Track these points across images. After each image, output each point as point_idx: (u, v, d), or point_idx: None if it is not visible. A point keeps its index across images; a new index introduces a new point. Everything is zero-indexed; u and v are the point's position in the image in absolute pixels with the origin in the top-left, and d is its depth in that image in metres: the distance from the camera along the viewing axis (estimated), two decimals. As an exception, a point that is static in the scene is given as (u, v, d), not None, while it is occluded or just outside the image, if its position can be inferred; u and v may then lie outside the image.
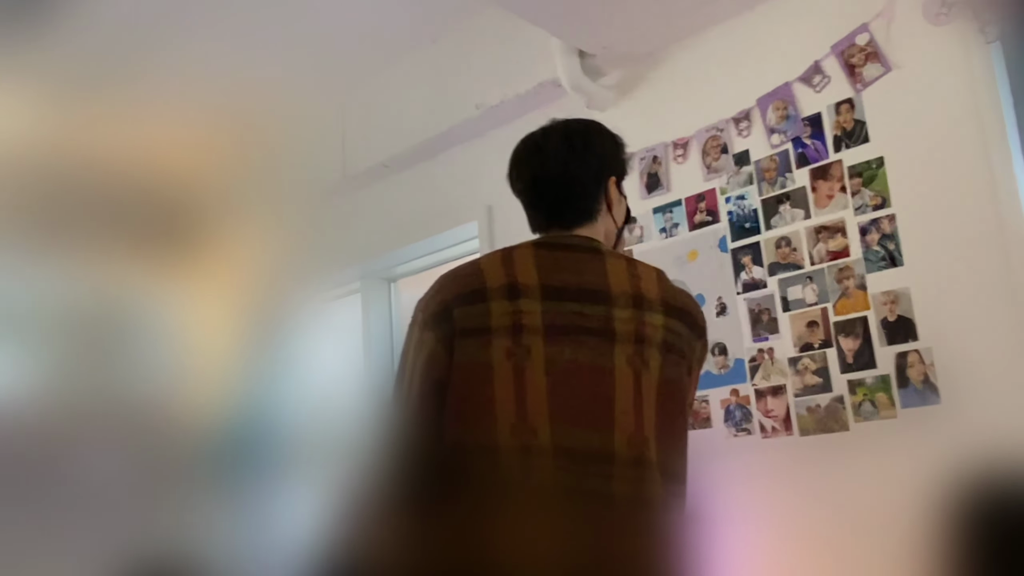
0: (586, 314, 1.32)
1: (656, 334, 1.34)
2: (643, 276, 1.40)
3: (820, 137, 2.49)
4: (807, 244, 2.48)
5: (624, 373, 1.30)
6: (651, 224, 2.88)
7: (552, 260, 1.37)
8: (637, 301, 1.35)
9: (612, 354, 1.31)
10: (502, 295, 1.32)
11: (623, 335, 1.32)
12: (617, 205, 1.52)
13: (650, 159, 2.90)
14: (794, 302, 2.49)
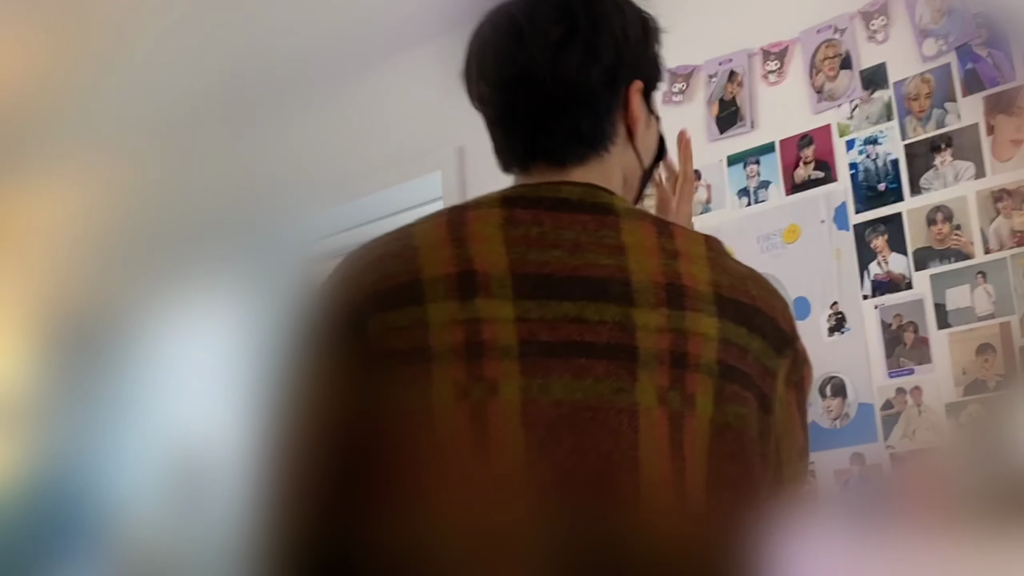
0: (589, 321, 1.27)
1: (707, 350, 1.28)
2: (684, 251, 1.33)
3: (1002, 46, 2.47)
4: (979, 220, 2.47)
5: (654, 419, 1.24)
6: (724, 182, 2.88)
7: (532, 228, 1.32)
8: (674, 296, 1.29)
9: (634, 388, 1.25)
10: (448, 292, 1.27)
11: (651, 355, 1.26)
12: (644, 130, 1.46)
13: (724, 77, 2.89)
14: (957, 313, 2.48)
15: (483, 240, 1.30)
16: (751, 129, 2.86)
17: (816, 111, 2.75)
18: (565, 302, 1.27)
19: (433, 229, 1.34)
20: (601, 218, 1.34)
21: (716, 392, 1.27)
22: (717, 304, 1.30)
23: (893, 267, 2.58)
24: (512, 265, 1.28)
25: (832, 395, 2.62)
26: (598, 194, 1.36)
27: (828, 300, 2.67)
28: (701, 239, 1.36)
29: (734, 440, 1.28)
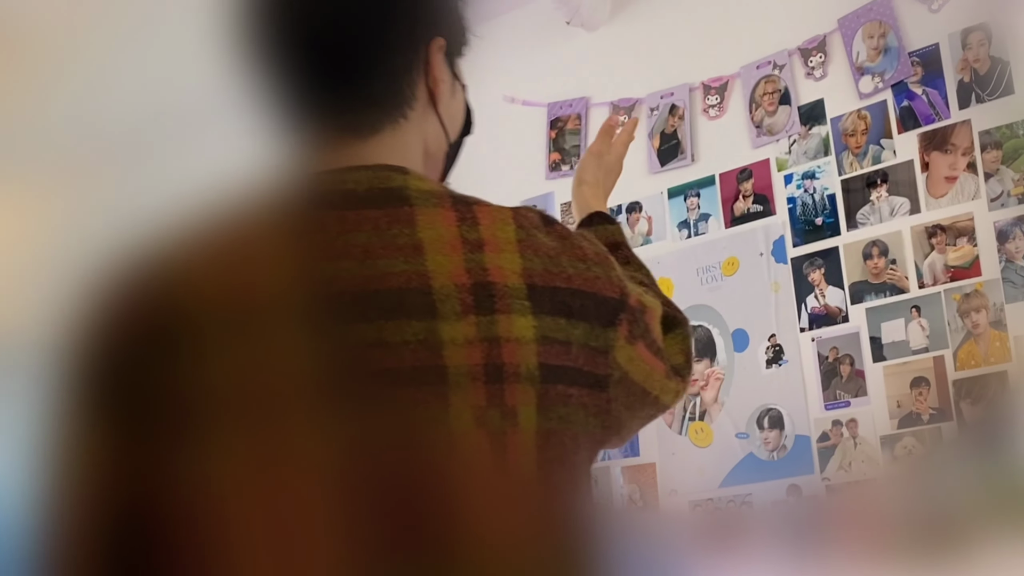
0: (389, 343, 1.11)
1: (524, 355, 1.14)
2: (490, 238, 1.18)
3: (937, 84, 2.48)
4: (914, 254, 2.47)
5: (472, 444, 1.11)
6: (664, 214, 2.87)
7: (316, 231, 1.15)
8: (482, 297, 1.14)
9: (446, 414, 1.11)
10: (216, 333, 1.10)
11: (462, 372, 1.12)
12: (448, 97, 1.28)
13: (666, 110, 2.89)
14: (891, 347, 2.48)
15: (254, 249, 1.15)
16: (691, 162, 2.85)
17: (755, 145, 2.75)
18: (359, 323, 1.12)
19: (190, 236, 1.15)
20: (394, 211, 1.16)
21: (539, 399, 1.14)
22: (531, 298, 1.16)
23: (830, 300, 2.58)
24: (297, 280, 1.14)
25: (770, 427, 2.62)
26: (390, 178, 1.19)
27: (766, 332, 2.66)
28: (509, 216, 1.19)
29: (558, 444, 1.15)
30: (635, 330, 1.22)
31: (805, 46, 2.69)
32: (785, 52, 2.72)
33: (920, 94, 2.51)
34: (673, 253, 2.84)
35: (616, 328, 1.19)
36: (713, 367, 2.73)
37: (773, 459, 2.61)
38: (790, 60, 2.71)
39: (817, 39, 2.67)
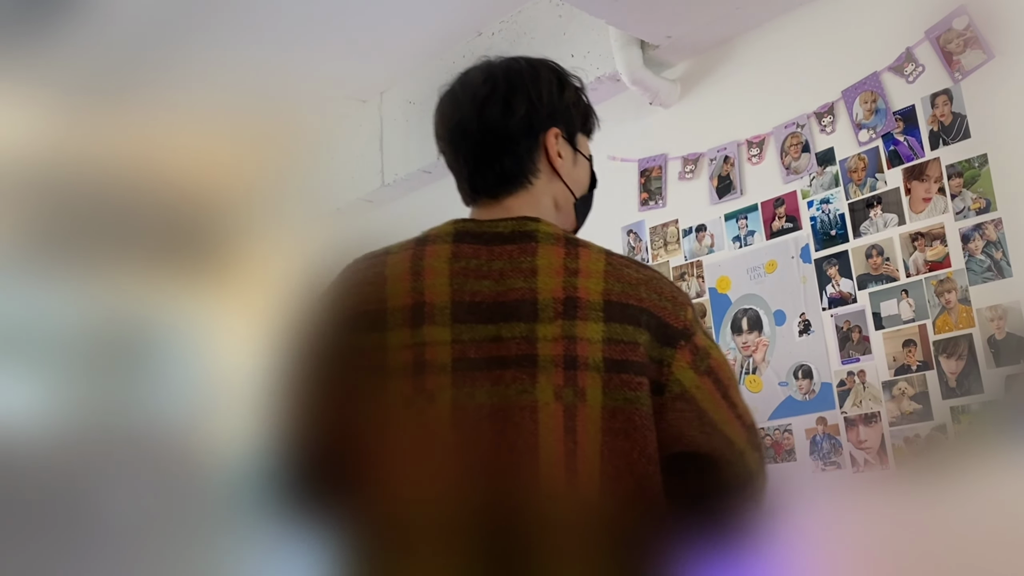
0: (504, 338, 1.14)
1: (593, 351, 1.14)
2: (584, 269, 1.18)
3: (914, 133, 2.46)
4: (902, 253, 2.45)
5: (551, 411, 1.12)
6: (723, 232, 2.87)
7: (471, 261, 1.19)
8: (569, 308, 1.15)
9: (535, 389, 1.12)
10: (403, 321, 1.15)
11: (548, 360, 1.13)
12: (569, 167, 1.31)
13: (721, 160, 2.89)
14: (888, 319, 2.46)
15: (434, 274, 1.18)
16: (740, 195, 2.85)
17: (786, 182, 2.74)
18: (489, 325, 1.15)
19: (400, 261, 1.21)
20: (524, 246, 1.19)
21: (604, 383, 1.14)
22: (605, 310, 1.16)
23: (843, 288, 2.56)
24: (453, 295, 1.16)
25: (803, 377, 2.61)
26: (526, 224, 1.21)
27: (798, 311, 2.65)
28: (603, 256, 1.21)
29: (625, 419, 1.14)
30: (699, 364, 1.20)
31: (819, 110, 2.68)
32: (805, 115, 2.71)
33: (902, 140, 2.48)
34: (729, 259, 2.84)
35: (675, 349, 1.18)
36: (761, 336, 2.72)
37: (806, 400, 2.60)
38: (808, 121, 2.70)
39: (827, 105, 2.66)
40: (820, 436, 2.54)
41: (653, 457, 1.15)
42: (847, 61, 2.62)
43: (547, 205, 1.28)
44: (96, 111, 0.60)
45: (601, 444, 1.12)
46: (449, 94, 1.32)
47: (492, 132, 1.25)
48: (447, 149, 1.30)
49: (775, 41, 2.81)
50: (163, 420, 0.63)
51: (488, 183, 1.26)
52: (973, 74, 2.36)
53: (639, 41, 2.91)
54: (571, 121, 1.32)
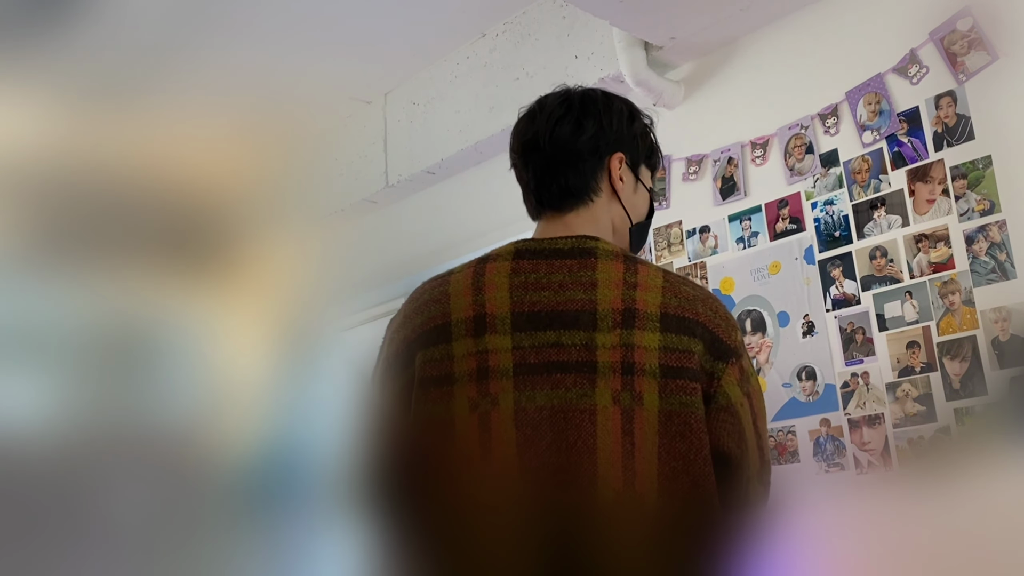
0: (564, 345, 1.21)
1: (649, 358, 1.20)
2: (642, 283, 1.25)
3: (918, 134, 2.46)
4: (905, 254, 2.44)
5: (609, 414, 1.18)
6: (726, 234, 2.87)
7: (531, 275, 1.26)
8: (627, 318, 1.21)
9: (594, 393, 1.19)
10: (467, 332, 1.23)
11: (606, 366, 1.20)
12: (629, 192, 1.38)
13: (724, 161, 2.89)
14: (892, 320, 2.45)
15: (494, 288, 1.25)
16: (744, 196, 2.85)
17: (789, 183, 2.74)
18: (548, 332, 1.22)
19: (463, 277, 1.29)
20: (583, 261, 1.27)
21: (660, 388, 1.20)
22: (662, 321, 1.22)
23: (847, 289, 2.56)
24: (513, 306, 1.24)
25: (806, 379, 2.61)
26: (586, 241, 1.29)
27: (802, 313, 2.65)
28: (660, 273, 1.28)
29: (681, 422, 1.20)
30: (744, 385, 1.27)
31: (823, 112, 2.68)
32: (809, 117, 2.71)
33: (906, 142, 2.48)
34: (733, 260, 2.84)
35: (726, 364, 1.25)
36: (765, 338, 2.72)
37: (809, 401, 2.60)
38: (812, 122, 2.70)
39: (831, 106, 2.66)
40: (823, 438, 2.54)
41: (708, 458, 1.21)
42: (851, 62, 2.62)
43: (605, 225, 1.36)
44: (101, 112, 0.60)
45: (658, 445, 1.18)
46: (527, 114, 1.40)
47: (561, 148, 1.34)
48: (518, 162, 1.40)
49: (779, 42, 2.81)
50: (167, 421, 0.63)
51: (552, 195, 1.35)
52: (977, 76, 2.36)
53: (643, 42, 2.91)
54: (636, 151, 1.40)
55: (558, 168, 1.35)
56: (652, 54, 2.93)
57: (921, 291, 2.40)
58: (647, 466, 1.17)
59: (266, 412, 0.95)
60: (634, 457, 1.17)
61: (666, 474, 1.18)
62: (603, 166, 1.36)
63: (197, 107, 0.64)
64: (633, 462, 1.17)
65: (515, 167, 1.41)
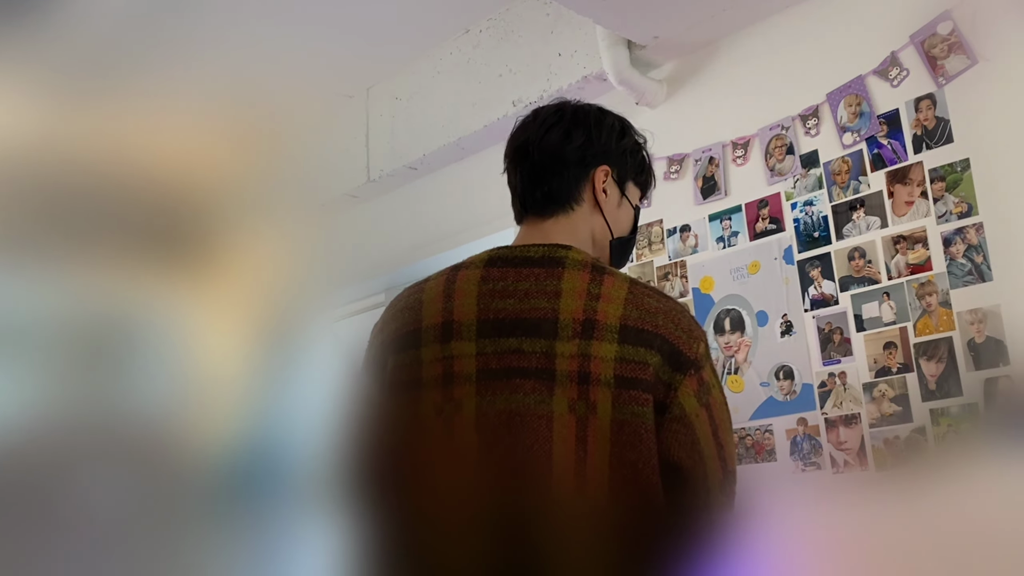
0: (525, 352, 1.24)
1: (605, 369, 1.22)
2: (605, 295, 1.27)
3: (898, 137, 2.47)
4: (884, 256, 2.46)
5: (564, 422, 1.20)
6: (707, 233, 2.87)
7: (498, 283, 1.29)
8: (586, 329, 1.24)
9: (551, 400, 1.21)
10: (435, 338, 1.27)
11: (564, 375, 1.22)
12: (613, 206, 1.41)
13: (706, 161, 2.90)
14: (869, 321, 2.47)
15: (463, 295, 1.29)
16: (725, 196, 2.86)
17: (770, 183, 2.75)
18: (511, 338, 1.25)
19: (435, 287, 1.33)
20: (551, 270, 1.29)
21: (614, 398, 1.22)
22: (620, 332, 1.24)
23: (825, 290, 2.57)
24: (479, 313, 1.27)
25: (784, 378, 2.62)
26: (557, 251, 1.32)
27: (780, 312, 2.66)
28: (626, 285, 1.30)
29: (631, 432, 1.22)
30: (702, 396, 1.28)
31: (804, 113, 2.69)
32: (790, 117, 2.72)
33: (886, 144, 2.49)
34: (713, 259, 2.85)
35: (684, 376, 1.26)
36: (743, 337, 2.73)
37: (787, 400, 2.61)
38: (793, 123, 2.71)
39: (812, 108, 2.67)
40: (800, 437, 2.55)
41: (656, 468, 1.23)
42: (832, 64, 2.63)
43: (584, 235, 1.38)
44: (78, 103, 0.59)
45: (610, 454, 1.21)
46: (523, 122, 1.44)
47: (549, 154, 1.37)
48: (509, 167, 1.43)
49: (761, 43, 2.81)
50: (146, 415, 0.62)
51: (536, 200, 1.38)
52: (957, 79, 2.37)
53: (626, 41, 2.91)
54: (624, 166, 1.42)
55: (543, 174, 1.37)
56: (635, 53, 2.94)
57: (899, 292, 2.41)
58: (598, 473, 1.20)
59: (245, 406, 0.94)
60: (586, 464, 1.20)
61: (616, 481, 1.20)
62: (587, 176, 1.38)
63: (177, 99, 0.63)
64: (585, 468, 1.20)
65: (506, 171, 1.44)
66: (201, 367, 0.69)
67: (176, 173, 0.62)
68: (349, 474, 1.22)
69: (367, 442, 1.24)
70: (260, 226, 0.82)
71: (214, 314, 0.70)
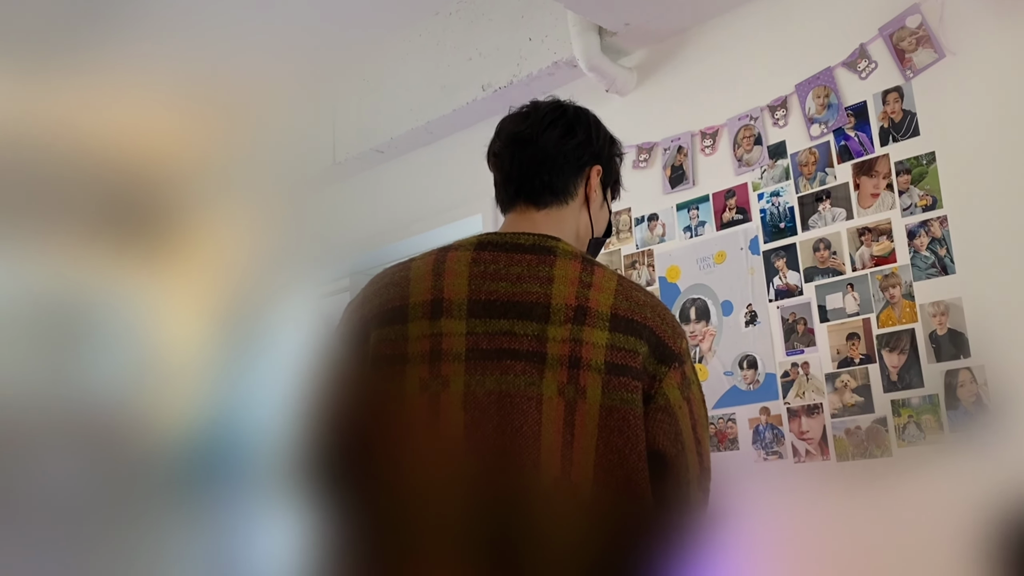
0: (516, 334, 1.25)
1: (596, 355, 1.25)
2: (597, 284, 1.30)
3: (865, 129, 2.49)
4: (848, 247, 2.48)
5: (554, 404, 1.22)
6: (674, 222, 2.88)
7: (490, 266, 1.31)
8: (579, 315, 1.26)
9: (541, 382, 1.23)
10: (423, 314, 1.27)
11: (555, 358, 1.24)
12: (597, 206, 1.47)
13: (675, 150, 2.91)
14: (833, 312, 2.49)
15: (454, 275, 1.30)
16: (693, 186, 2.87)
17: (737, 173, 2.76)
18: (502, 320, 1.26)
19: (424, 263, 1.34)
20: (543, 257, 1.32)
21: (604, 384, 1.24)
22: (611, 320, 1.27)
23: (790, 280, 2.59)
24: (470, 293, 1.28)
25: (748, 368, 2.64)
26: (547, 240, 1.34)
27: (745, 302, 2.68)
28: (615, 278, 1.33)
29: (620, 418, 1.24)
30: (684, 390, 1.31)
31: (772, 104, 2.70)
32: (758, 108, 2.73)
33: (853, 136, 2.51)
34: (680, 248, 2.86)
35: (668, 368, 1.29)
36: (708, 326, 2.75)
37: (750, 390, 2.63)
38: (762, 114, 2.72)
39: (781, 99, 2.68)
40: (763, 426, 2.57)
41: (643, 454, 1.26)
42: (802, 55, 2.64)
43: (571, 229, 1.42)
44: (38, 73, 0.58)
45: (597, 439, 1.22)
46: (521, 113, 1.47)
47: (550, 148, 1.41)
48: (503, 153, 1.44)
49: (732, 32, 2.82)
50: (103, 399, 0.62)
51: (534, 189, 1.40)
52: (924, 72, 2.40)
53: (597, 27, 2.91)
54: (609, 170, 1.49)
55: (543, 166, 1.40)
56: (606, 39, 2.93)
57: (863, 284, 2.44)
58: (584, 457, 1.22)
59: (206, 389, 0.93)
60: (572, 448, 1.21)
61: (602, 466, 1.22)
62: (583, 174, 1.43)
63: (137, 76, 0.62)
64: (571, 452, 1.21)
65: (497, 157, 1.45)
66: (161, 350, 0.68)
67: (133, 153, 0.61)
68: (324, 452, 1.21)
69: (345, 415, 1.25)
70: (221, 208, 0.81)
71: (174, 296, 0.70)
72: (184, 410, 0.78)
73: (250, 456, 0.97)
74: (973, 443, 2.20)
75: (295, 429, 1.21)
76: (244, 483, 0.91)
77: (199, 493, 0.81)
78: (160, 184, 0.65)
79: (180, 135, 0.68)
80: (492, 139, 1.48)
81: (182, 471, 0.76)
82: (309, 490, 1.22)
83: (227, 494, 0.86)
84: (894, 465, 2.32)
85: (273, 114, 0.90)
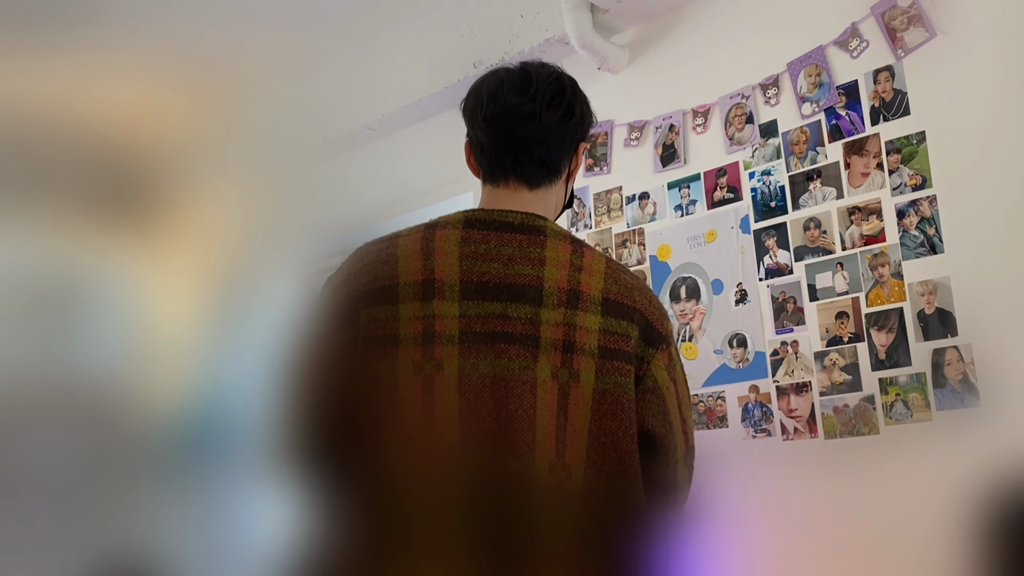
0: (510, 317, 1.25)
1: (589, 339, 1.26)
2: (587, 267, 1.30)
3: (856, 108, 2.50)
4: (838, 226, 2.49)
5: (548, 388, 1.23)
6: (665, 201, 2.89)
7: (480, 246, 1.30)
8: (571, 299, 1.27)
9: (535, 366, 1.24)
10: (414, 295, 1.26)
11: (549, 342, 1.25)
12: (572, 179, 1.47)
13: (666, 128, 2.91)
14: (822, 291, 2.50)
15: (444, 255, 1.28)
16: (684, 164, 2.87)
17: (728, 152, 2.76)
18: (496, 303, 1.26)
19: (411, 241, 1.32)
20: (533, 237, 1.31)
21: (597, 368, 1.25)
22: (603, 305, 1.28)
23: (780, 259, 2.60)
24: (462, 274, 1.27)
25: (737, 346, 2.65)
26: (535, 219, 1.34)
27: (735, 281, 2.69)
28: (604, 260, 1.34)
29: (613, 401, 1.26)
30: (671, 371, 1.34)
31: (764, 82, 2.70)
32: (750, 87, 2.73)
33: (844, 115, 2.52)
34: (671, 227, 2.86)
35: (656, 350, 1.32)
36: (698, 305, 2.75)
37: (740, 368, 2.64)
38: (753, 92, 2.72)
39: (772, 77, 2.68)
40: (752, 404, 2.59)
41: (635, 437, 1.27)
42: (793, 34, 2.64)
43: (552, 205, 1.42)
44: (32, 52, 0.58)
45: (590, 422, 1.24)
46: (517, 83, 1.38)
47: (552, 128, 1.37)
48: (498, 121, 1.38)
49: (723, 11, 2.82)
50: (94, 374, 0.62)
51: (531, 168, 1.37)
52: (915, 52, 2.40)
53: (589, 4, 2.90)
54: (586, 141, 1.48)
55: (542, 146, 1.37)
56: (598, 17, 2.93)
57: (852, 263, 2.45)
58: (577, 440, 1.23)
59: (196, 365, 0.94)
60: (566, 431, 1.23)
61: (595, 448, 1.24)
62: (574, 151, 1.43)
63: (130, 55, 0.62)
64: (565, 435, 1.22)
65: (487, 122, 1.39)
66: (152, 326, 0.68)
67: (126, 131, 0.61)
68: (314, 432, 1.22)
69: (336, 394, 1.25)
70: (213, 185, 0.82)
71: (165, 273, 0.70)
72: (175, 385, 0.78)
73: (240, 431, 0.98)
74: (959, 421, 2.22)
75: (284, 407, 1.22)
76: (234, 458, 0.92)
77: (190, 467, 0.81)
78: (152, 162, 0.66)
79: (172, 113, 0.68)
80: (478, 97, 1.41)
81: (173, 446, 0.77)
82: (298, 467, 1.23)
83: (217, 469, 0.87)
84: (881, 443, 2.34)
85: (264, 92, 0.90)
